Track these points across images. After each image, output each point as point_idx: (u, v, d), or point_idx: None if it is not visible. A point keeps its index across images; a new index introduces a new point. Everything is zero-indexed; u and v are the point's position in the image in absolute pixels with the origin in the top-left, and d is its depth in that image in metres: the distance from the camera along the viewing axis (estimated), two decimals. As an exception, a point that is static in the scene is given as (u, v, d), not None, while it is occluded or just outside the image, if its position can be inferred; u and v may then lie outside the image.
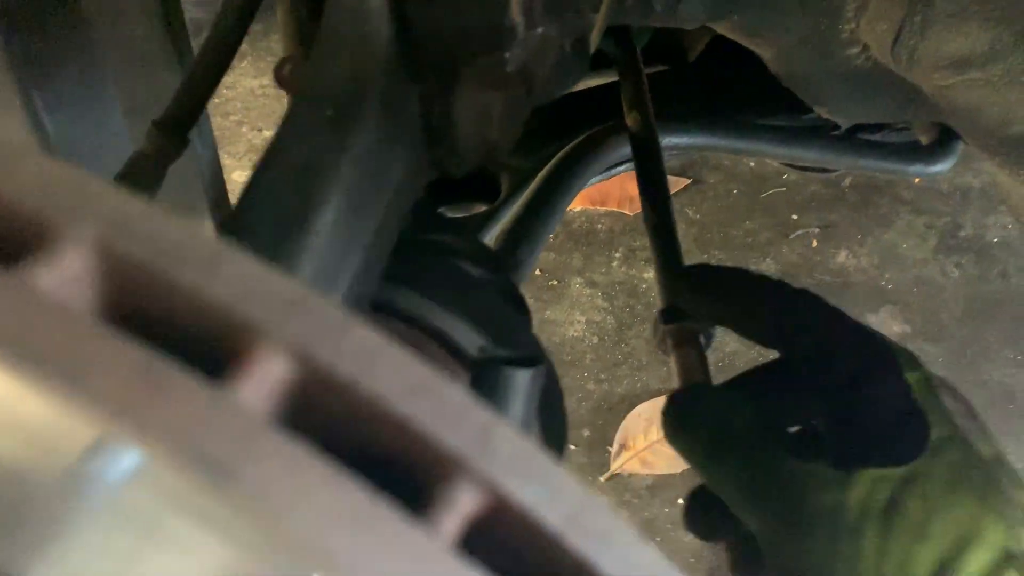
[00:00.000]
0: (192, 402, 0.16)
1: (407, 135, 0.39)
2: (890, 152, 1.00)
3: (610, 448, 1.24)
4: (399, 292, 0.42)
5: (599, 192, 1.55)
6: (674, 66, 1.09)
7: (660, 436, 1.24)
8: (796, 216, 1.52)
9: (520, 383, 0.37)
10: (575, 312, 1.39)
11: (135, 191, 0.54)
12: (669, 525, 1.16)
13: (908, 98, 0.76)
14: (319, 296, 0.18)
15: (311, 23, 0.39)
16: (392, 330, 0.41)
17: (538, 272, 1.46)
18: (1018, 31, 0.56)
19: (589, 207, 1.56)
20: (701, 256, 1.47)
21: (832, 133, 1.06)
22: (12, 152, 0.18)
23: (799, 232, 1.50)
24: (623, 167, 0.94)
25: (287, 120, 0.37)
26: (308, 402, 0.18)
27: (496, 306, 0.43)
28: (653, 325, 0.67)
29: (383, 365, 0.18)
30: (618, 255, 1.47)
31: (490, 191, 0.93)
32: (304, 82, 0.38)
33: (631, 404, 1.26)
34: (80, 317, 0.17)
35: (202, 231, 0.19)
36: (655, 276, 0.72)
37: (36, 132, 0.76)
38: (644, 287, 1.38)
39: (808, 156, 0.96)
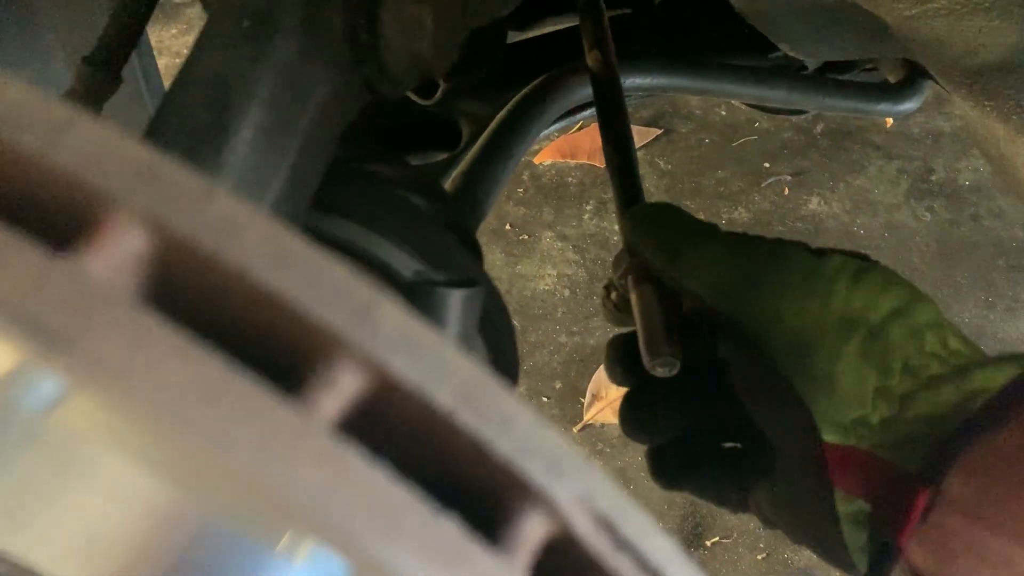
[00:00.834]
0: (32, 272, 0.15)
1: (331, 51, 0.37)
2: (857, 90, 0.99)
3: (582, 400, 1.23)
4: (331, 218, 0.40)
5: (569, 144, 1.53)
6: (638, 8, 1.07)
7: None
8: (768, 164, 1.51)
9: (454, 304, 0.35)
10: (546, 266, 1.38)
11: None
12: (642, 474, 1.16)
13: (873, 33, 0.75)
14: (178, 163, 0.17)
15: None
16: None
17: (508, 227, 1.44)
18: (980, -44, 0.54)
19: (560, 160, 1.54)
20: (673, 207, 1.46)
21: (800, 73, 1.05)
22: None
23: (771, 180, 1.49)
24: (587, 112, 0.92)
25: (202, 34, 0.35)
26: (167, 275, 0.17)
27: (432, 232, 0.42)
28: (615, 259, 0.66)
29: (250, 235, 0.16)
30: (589, 208, 1.45)
31: (450, 138, 0.91)
32: (220, -6, 0.36)
33: (602, 356, 1.26)
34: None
35: (53, 100, 0.17)
36: (617, 216, 0.71)
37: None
38: (615, 239, 1.37)
39: (774, 96, 0.94)
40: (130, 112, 0.74)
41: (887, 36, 0.67)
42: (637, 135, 1.57)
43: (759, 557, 1.07)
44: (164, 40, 1.63)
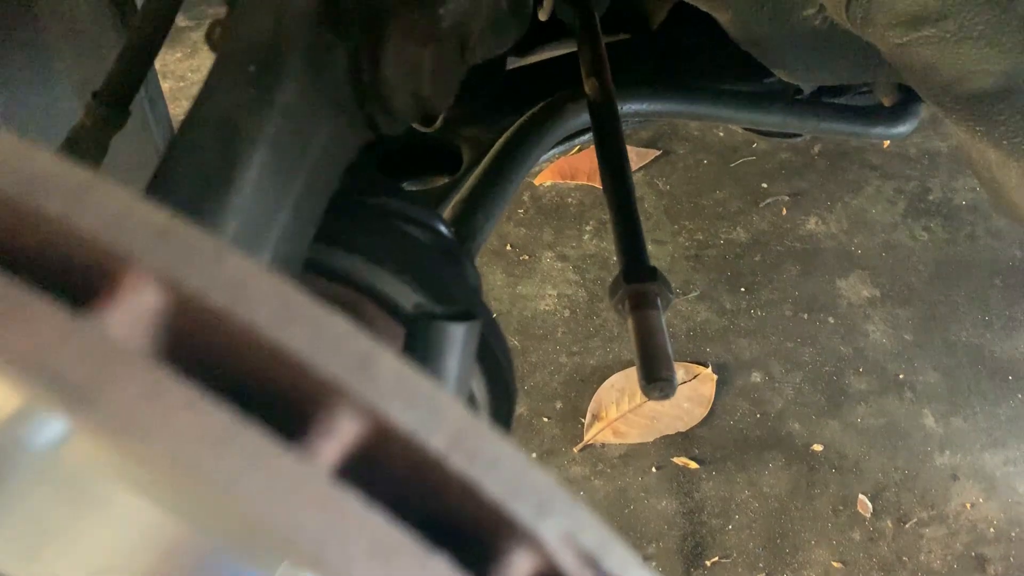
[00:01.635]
0: (56, 330, 0.16)
1: (335, 92, 0.39)
2: (851, 114, 1.00)
3: (583, 420, 1.24)
4: (334, 252, 0.41)
5: (569, 166, 1.54)
6: (636, 34, 1.09)
7: (632, 406, 1.24)
8: (766, 184, 1.52)
9: (454, 337, 0.37)
10: (547, 286, 1.39)
11: (76, 161, 0.53)
12: (642, 493, 1.17)
13: (866, 59, 0.76)
14: (191, 225, 0.18)
15: (237, -20, 0.38)
16: (327, 289, 0.41)
17: (509, 247, 1.45)
18: (969, -14, 0.56)
19: (560, 181, 1.55)
20: (672, 227, 1.47)
21: (795, 97, 1.07)
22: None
23: (769, 200, 1.50)
24: (586, 135, 0.93)
25: (209, 77, 0.37)
26: (181, 331, 0.18)
27: (432, 264, 0.43)
28: (612, 285, 0.67)
29: (257, 293, 0.18)
30: (589, 228, 1.47)
31: (452, 162, 0.93)
32: (227, 38, 0.38)
33: (603, 376, 1.27)
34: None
35: (70, 163, 0.18)
36: (613, 237, 0.72)
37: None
38: (615, 259, 1.38)
39: (769, 120, 0.95)
40: (136, 138, 0.76)
41: (881, 61, 0.68)
42: (636, 156, 1.59)
43: (759, 576, 1.08)
44: (169, 64, 1.66)
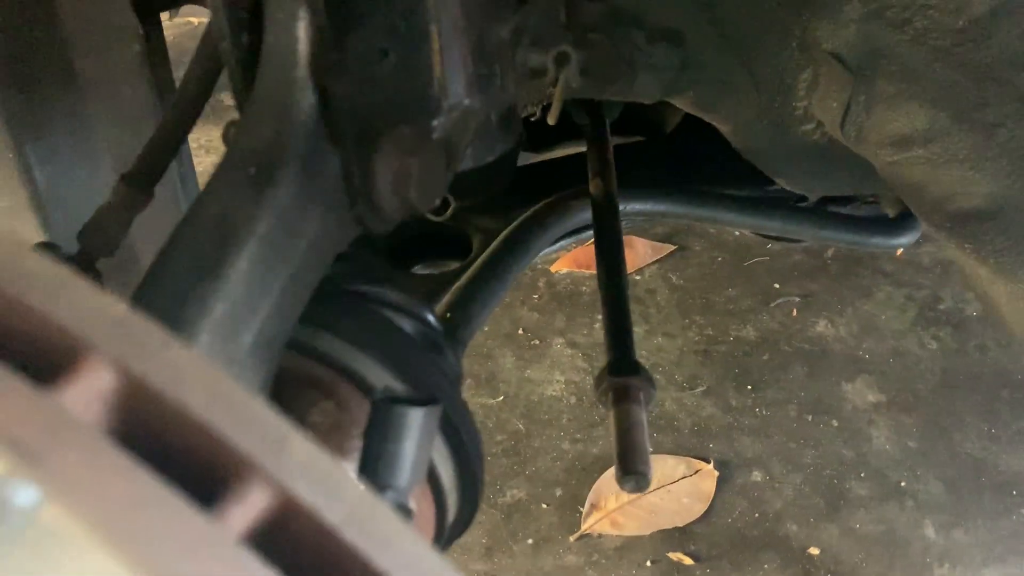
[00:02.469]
0: (21, 403, 0.20)
1: (326, 193, 0.43)
2: (851, 223, 1.03)
3: (581, 508, 1.25)
4: (316, 333, 0.45)
5: (585, 256, 1.58)
6: (649, 137, 1.14)
7: (631, 498, 1.25)
8: (778, 285, 1.55)
9: (413, 420, 0.40)
10: (555, 372, 1.42)
11: (101, 239, 0.58)
12: (637, 587, 1.17)
13: (865, 172, 0.79)
14: (145, 318, 0.22)
15: (246, 91, 0.43)
16: (307, 367, 0.45)
17: (520, 331, 1.49)
18: (953, 113, 0.59)
19: (575, 270, 1.59)
20: (682, 321, 1.50)
21: (799, 204, 1.10)
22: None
23: (780, 300, 1.52)
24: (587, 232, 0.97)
25: (213, 177, 0.41)
26: (129, 408, 0.21)
27: (409, 352, 0.46)
28: (597, 377, 0.69)
29: (191, 378, 0.21)
30: (601, 317, 1.50)
31: (463, 249, 0.97)
32: (233, 142, 0.42)
33: (605, 465, 1.28)
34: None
35: (56, 266, 0.22)
36: (604, 331, 0.75)
37: (28, 184, 0.81)
38: (625, 350, 1.40)
39: (769, 225, 0.99)
40: (166, 213, 0.81)
41: (876, 176, 0.72)
42: (651, 250, 1.63)
43: None
44: (214, 140, 1.75)
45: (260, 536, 0.21)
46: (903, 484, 1.26)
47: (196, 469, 0.21)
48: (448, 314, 0.72)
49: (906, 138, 0.64)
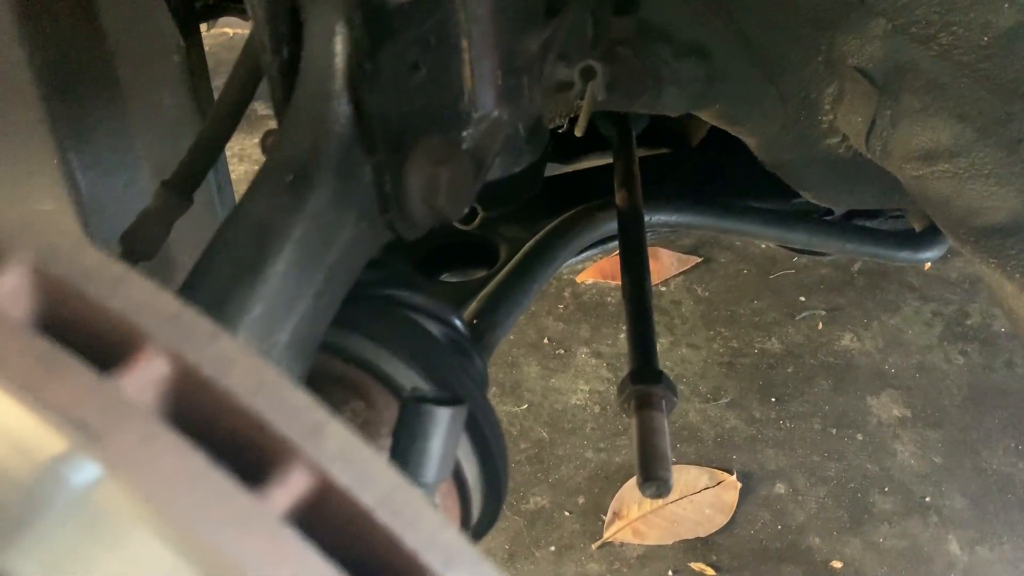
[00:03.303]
0: (84, 387, 0.22)
1: (359, 200, 0.45)
2: (877, 237, 1.03)
3: (604, 517, 1.26)
4: (349, 335, 0.47)
5: (611, 266, 1.60)
6: (676, 149, 1.15)
7: (654, 507, 1.25)
8: (804, 298, 1.55)
9: (439, 419, 0.41)
10: (579, 381, 1.43)
11: (141, 244, 0.60)
12: (657, 596, 1.17)
13: (890, 186, 0.80)
14: (197, 312, 0.23)
15: (285, 102, 0.45)
16: (339, 368, 0.46)
17: (546, 340, 1.50)
18: (979, 127, 0.60)
19: (601, 280, 1.61)
20: (707, 333, 1.50)
21: (825, 217, 1.10)
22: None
23: (806, 313, 1.53)
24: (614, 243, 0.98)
25: (253, 183, 0.43)
26: (181, 394, 0.23)
27: (437, 354, 0.48)
28: (620, 385, 0.71)
29: (239, 368, 0.23)
30: (625, 328, 1.51)
31: (490, 258, 0.98)
32: (272, 151, 0.44)
33: (628, 474, 1.29)
34: (14, 324, 0.23)
35: (115, 262, 0.24)
36: (627, 340, 0.76)
37: (71, 189, 0.84)
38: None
39: (794, 238, 1.00)
40: (202, 220, 0.83)
41: (903, 189, 0.72)
42: (677, 262, 1.63)
43: None
44: (247, 148, 1.78)
45: (300, 515, 0.22)
46: (927, 499, 1.26)
47: (242, 452, 0.23)
48: (475, 320, 0.74)
49: (931, 152, 0.65)
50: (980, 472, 1.28)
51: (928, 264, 1.56)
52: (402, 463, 0.41)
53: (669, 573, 1.20)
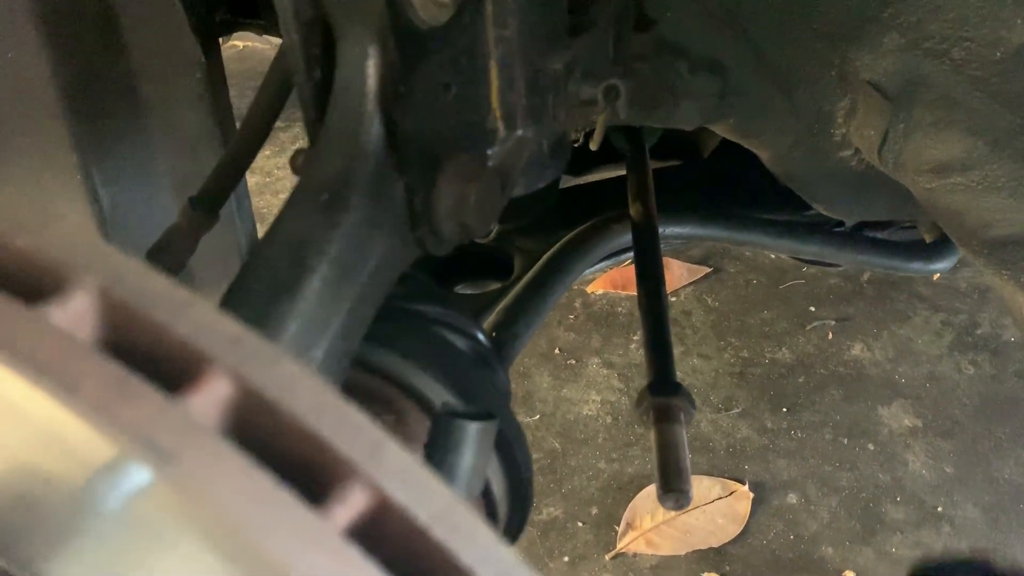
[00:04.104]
0: (154, 408, 0.22)
1: (391, 217, 0.46)
2: (889, 249, 1.04)
3: (617, 527, 1.26)
4: (380, 351, 0.48)
5: (622, 276, 1.60)
6: (688, 161, 1.16)
7: (667, 518, 1.26)
8: (814, 308, 1.55)
9: (470, 433, 0.42)
10: (591, 391, 1.43)
11: (169, 259, 0.61)
12: (671, 607, 1.18)
13: (903, 198, 0.80)
14: (259, 336, 0.24)
15: (318, 123, 0.46)
16: (370, 383, 0.47)
17: (557, 351, 1.51)
18: (992, 141, 0.60)
19: (611, 291, 1.61)
20: (718, 343, 1.51)
21: (836, 229, 1.11)
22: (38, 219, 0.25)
23: (816, 323, 1.53)
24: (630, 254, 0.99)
25: (288, 202, 0.44)
26: (245, 415, 0.24)
27: (465, 369, 0.49)
28: (638, 396, 0.71)
29: (301, 390, 0.24)
30: (636, 338, 1.52)
31: (505, 270, 0.99)
32: (306, 171, 0.45)
33: (640, 485, 1.29)
34: (83, 347, 0.23)
35: (178, 287, 0.25)
36: (644, 351, 0.77)
37: (93, 204, 0.85)
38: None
39: (806, 249, 1.00)
40: (222, 233, 0.84)
41: (915, 202, 0.73)
42: (687, 272, 1.64)
43: None
44: (258, 161, 1.80)
45: (360, 532, 0.23)
46: (940, 509, 1.26)
47: (303, 470, 0.24)
48: (494, 332, 0.75)
49: (944, 165, 0.65)
50: (992, 482, 1.28)
51: (937, 274, 1.57)
52: (435, 477, 0.42)
53: (682, 584, 1.20)
